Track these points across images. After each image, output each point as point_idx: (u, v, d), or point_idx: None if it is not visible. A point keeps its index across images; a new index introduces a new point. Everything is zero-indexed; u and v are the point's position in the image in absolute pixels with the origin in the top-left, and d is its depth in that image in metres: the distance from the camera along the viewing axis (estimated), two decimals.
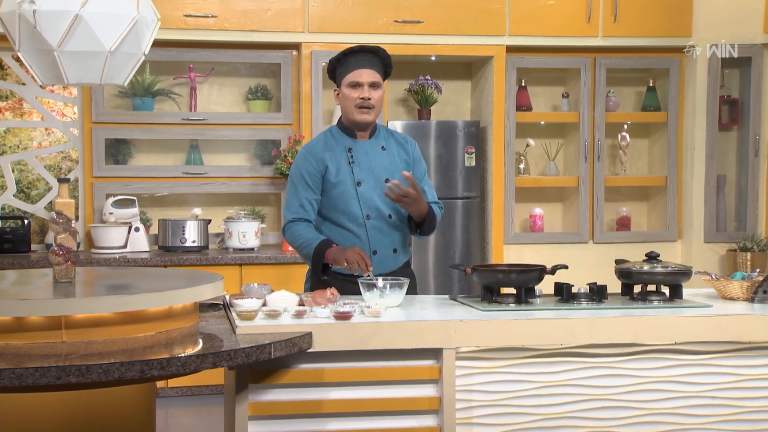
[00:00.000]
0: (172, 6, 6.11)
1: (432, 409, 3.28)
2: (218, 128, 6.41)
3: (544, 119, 6.97)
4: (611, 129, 7.02)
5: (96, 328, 2.96)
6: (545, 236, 6.86)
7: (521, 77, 6.85)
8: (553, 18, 6.60)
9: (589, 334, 3.33)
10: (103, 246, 6.13)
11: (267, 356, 2.96)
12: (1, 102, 6.71)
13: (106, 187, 6.28)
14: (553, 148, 7.02)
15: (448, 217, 6.53)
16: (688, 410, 3.41)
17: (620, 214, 7.10)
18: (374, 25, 6.38)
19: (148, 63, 6.36)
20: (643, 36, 6.73)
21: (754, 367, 3.44)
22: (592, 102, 6.81)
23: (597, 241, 6.86)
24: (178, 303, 3.13)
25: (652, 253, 3.72)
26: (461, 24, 6.48)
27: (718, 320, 3.38)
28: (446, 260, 6.56)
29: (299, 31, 6.31)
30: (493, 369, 3.32)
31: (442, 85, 6.86)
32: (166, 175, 6.38)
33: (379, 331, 3.20)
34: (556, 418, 3.36)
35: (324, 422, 3.23)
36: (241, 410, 3.16)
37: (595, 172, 6.83)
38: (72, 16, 3.18)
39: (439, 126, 6.57)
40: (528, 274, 3.57)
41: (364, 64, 3.92)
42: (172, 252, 6.15)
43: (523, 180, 6.84)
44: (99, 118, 6.23)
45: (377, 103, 3.93)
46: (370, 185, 3.93)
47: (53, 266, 3.25)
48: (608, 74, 6.88)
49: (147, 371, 2.69)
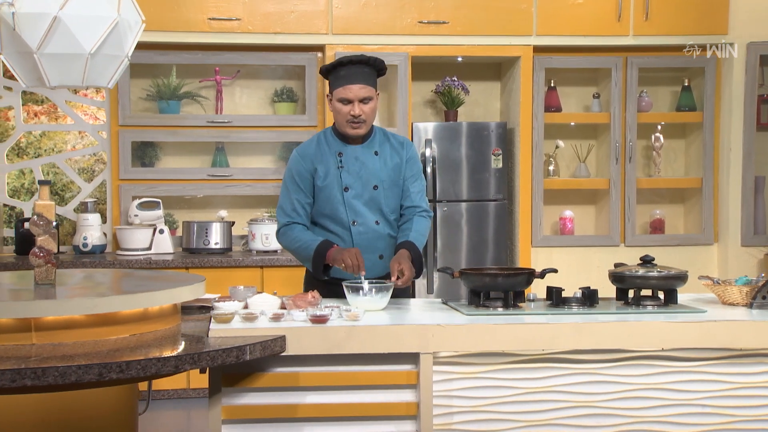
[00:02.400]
0: (196, 9, 6.15)
1: (410, 414, 3.24)
2: (243, 130, 6.44)
3: (574, 120, 6.85)
4: (644, 130, 6.87)
5: (66, 331, 2.98)
6: (575, 239, 6.74)
7: (550, 78, 6.74)
8: (582, 17, 6.48)
9: (573, 340, 3.25)
10: (128, 248, 6.20)
11: (234, 359, 2.95)
12: (37, 106, 6.83)
13: (133, 190, 6.35)
14: (584, 149, 6.90)
15: (477, 219, 6.47)
16: (677, 419, 3.31)
17: (654, 216, 6.95)
18: (399, 26, 6.35)
19: (175, 66, 6.42)
20: (676, 34, 6.57)
21: (747, 375, 3.33)
22: (623, 102, 6.68)
23: (629, 245, 6.72)
24: (153, 305, 3.13)
25: (647, 257, 3.62)
26: (487, 24, 6.41)
27: (708, 327, 3.27)
28: (476, 263, 6.49)
29: (323, 32, 6.30)
30: (474, 374, 3.27)
31: (471, 86, 6.80)
32: (192, 178, 6.43)
33: (353, 335, 3.16)
34: (539, 425, 3.29)
35: (300, 427, 3.21)
36: (214, 413, 3.15)
37: (626, 173, 6.69)
38: (51, 18, 3.20)
39: (465, 127, 6.50)
40: (515, 278, 3.50)
41: (355, 78, 3.84)
42: (196, 254, 6.19)
43: (552, 182, 6.73)
44: (125, 121, 6.30)
45: (369, 116, 3.88)
46: (358, 191, 3.89)
47: (34, 268, 3.28)
48: (641, 74, 6.73)
49: (105, 374, 2.69)
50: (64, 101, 6.55)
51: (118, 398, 3.34)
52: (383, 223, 3.91)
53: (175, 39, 6.20)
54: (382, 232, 3.90)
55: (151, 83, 6.47)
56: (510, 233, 6.65)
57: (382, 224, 3.91)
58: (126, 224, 6.29)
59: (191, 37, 6.22)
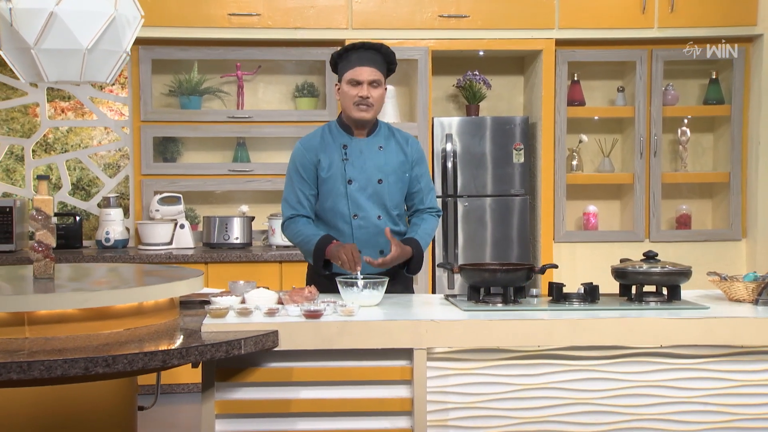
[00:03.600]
0: (216, 5, 6.17)
1: (405, 410, 3.21)
2: (264, 126, 6.44)
3: (598, 114, 6.77)
4: (671, 124, 6.78)
5: (59, 325, 3.01)
6: (598, 234, 6.67)
7: (574, 71, 6.67)
8: (605, 9, 6.40)
9: (569, 337, 3.21)
10: (149, 242, 6.24)
11: (224, 354, 2.95)
12: (64, 102, 6.90)
13: (155, 185, 6.39)
14: (609, 143, 6.82)
15: (498, 214, 6.43)
16: (677, 416, 3.26)
17: (680, 212, 6.85)
18: (418, 20, 6.32)
19: (196, 62, 6.45)
20: (702, 26, 6.46)
21: (749, 373, 3.26)
22: (648, 96, 6.59)
23: (653, 240, 6.63)
24: (147, 300, 3.14)
25: (650, 253, 3.57)
26: (508, 18, 6.36)
27: (709, 323, 3.21)
28: (499, 258, 6.44)
29: (343, 27, 6.29)
30: (469, 370, 3.24)
31: (494, 80, 6.75)
32: (213, 173, 6.45)
33: (346, 331, 3.15)
34: (536, 422, 3.25)
35: (293, 422, 3.20)
36: (207, 408, 3.15)
37: (651, 168, 6.60)
38: (47, 14, 3.23)
39: (487, 122, 6.46)
40: (514, 274, 3.46)
41: (366, 61, 3.86)
42: (217, 249, 6.22)
43: (575, 177, 6.66)
44: (147, 116, 6.34)
45: (377, 102, 3.88)
46: (361, 184, 3.88)
47: (33, 262, 3.31)
48: (666, 67, 6.64)
49: (91, 368, 2.70)
50: (88, 97, 6.62)
51: (115, 393, 3.37)
52: (385, 218, 3.90)
53: (195, 35, 6.22)
54: (383, 227, 3.87)
55: (173, 79, 6.51)
56: (532, 228, 6.60)
57: (384, 219, 3.90)
58: (147, 219, 6.34)
59: (211, 33, 6.23)
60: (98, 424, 3.33)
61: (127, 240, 6.37)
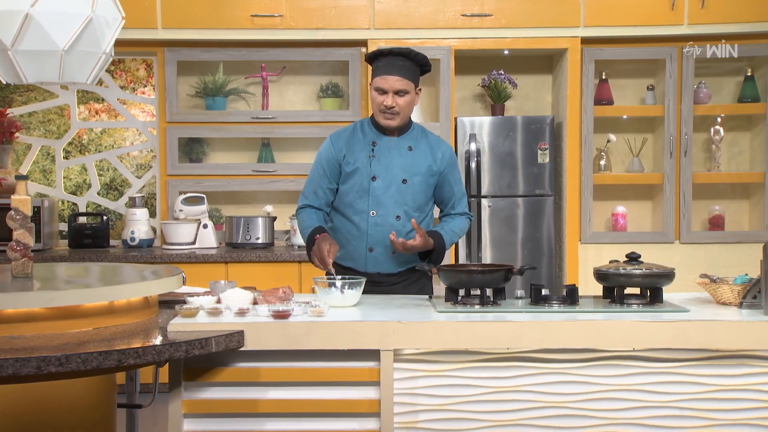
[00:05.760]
0: (239, 6, 6.21)
1: (373, 411, 3.19)
2: (288, 126, 6.47)
3: (626, 113, 6.64)
4: (703, 122, 6.62)
5: (26, 323, 3.04)
6: (626, 236, 6.54)
7: (602, 70, 6.55)
8: (633, 6, 6.28)
9: (538, 339, 3.15)
10: (173, 242, 6.31)
11: (183, 354, 2.96)
12: (97, 104, 7.02)
13: (180, 185, 6.46)
14: (638, 143, 6.68)
15: (523, 214, 6.36)
16: (652, 421, 3.18)
17: (713, 212, 6.68)
18: (441, 19, 6.28)
19: (221, 63, 6.50)
20: (734, 22, 6.30)
21: (727, 377, 3.16)
22: (678, 94, 6.44)
23: (684, 242, 6.48)
24: (116, 299, 3.17)
25: (633, 254, 3.49)
26: (532, 16, 6.28)
27: (682, 326, 3.12)
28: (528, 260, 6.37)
29: (365, 27, 6.28)
30: (440, 372, 3.20)
31: (521, 79, 6.68)
32: (237, 173, 6.50)
33: (313, 331, 3.14)
34: (507, 425, 3.20)
35: (262, 422, 3.20)
36: (174, 407, 3.17)
37: (681, 168, 6.45)
38: (23, 15, 3.28)
39: (511, 122, 6.38)
40: (491, 275, 3.41)
41: (392, 69, 3.83)
42: (239, 248, 6.26)
43: (602, 177, 6.54)
44: (173, 117, 6.42)
45: (403, 109, 3.87)
46: (386, 182, 3.90)
47: (11, 262, 3.37)
48: (698, 64, 6.48)
49: (43, 367, 2.72)
50: (117, 99, 6.73)
51: (91, 391, 3.40)
52: (404, 219, 3.91)
53: (219, 36, 6.27)
54: (400, 228, 3.89)
55: (198, 80, 6.57)
56: (558, 229, 6.51)
57: (403, 220, 3.90)
58: (172, 219, 6.41)
59: (235, 34, 6.28)
60: (74, 422, 3.37)
61: (152, 239, 6.46)
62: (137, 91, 7.01)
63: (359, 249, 3.94)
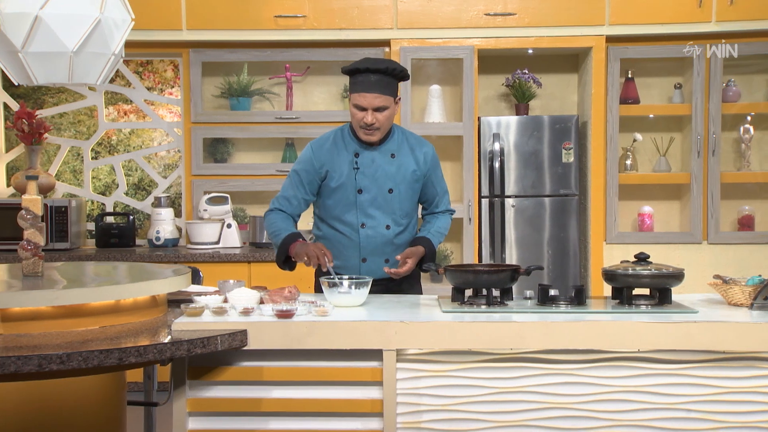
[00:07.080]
0: (263, 7, 6.24)
1: (376, 411, 3.18)
2: (311, 126, 6.47)
3: (652, 112, 6.56)
4: (732, 121, 6.53)
5: (33, 322, 3.08)
6: (652, 236, 6.47)
7: (627, 68, 6.48)
8: (659, 4, 6.20)
9: (542, 340, 3.12)
10: (197, 242, 6.36)
11: (185, 353, 2.98)
12: (126, 105, 7.08)
13: (204, 185, 6.51)
14: (666, 142, 6.60)
15: (548, 214, 6.32)
16: (658, 423, 3.14)
17: (742, 213, 6.58)
18: (464, 19, 6.25)
19: (246, 64, 6.54)
20: (764, 19, 6.20)
21: (735, 380, 3.11)
22: (705, 93, 6.35)
23: (712, 242, 6.39)
24: (121, 298, 3.19)
25: (641, 255, 3.45)
26: (556, 15, 6.23)
27: (688, 328, 3.08)
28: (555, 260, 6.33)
29: (388, 27, 6.27)
30: (443, 372, 3.19)
31: (546, 78, 6.64)
32: (261, 173, 6.52)
33: (315, 331, 3.14)
34: (511, 426, 3.18)
35: (265, 421, 3.21)
36: (179, 405, 3.19)
37: (709, 167, 6.36)
38: (32, 17, 3.32)
39: (536, 121, 6.34)
40: (497, 275, 3.39)
41: (370, 86, 3.78)
42: (263, 248, 6.29)
43: (628, 176, 6.47)
44: (197, 118, 6.46)
45: (383, 124, 3.84)
46: (372, 194, 3.89)
47: (22, 260, 3.41)
48: (727, 62, 6.38)
49: (45, 365, 2.76)
50: (143, 100, 6.79)
51: (97, 388, 3.43)
52: (394, 227, 3.90)
53: (243, 37, 6.30)
54: (391, 237, 3.90)
55: (223, 81, 6.60)
56: (583, 229, 6.45)
57: (393, 229, 3.90)
58: (197, 219, 6.45)
59: (259, 35, 6.31)
60: (83, 420, 3.40)
61: (177, 239, 6.51)
62: (165, 92, 7.06)
63: (352, 259, 3.93)
